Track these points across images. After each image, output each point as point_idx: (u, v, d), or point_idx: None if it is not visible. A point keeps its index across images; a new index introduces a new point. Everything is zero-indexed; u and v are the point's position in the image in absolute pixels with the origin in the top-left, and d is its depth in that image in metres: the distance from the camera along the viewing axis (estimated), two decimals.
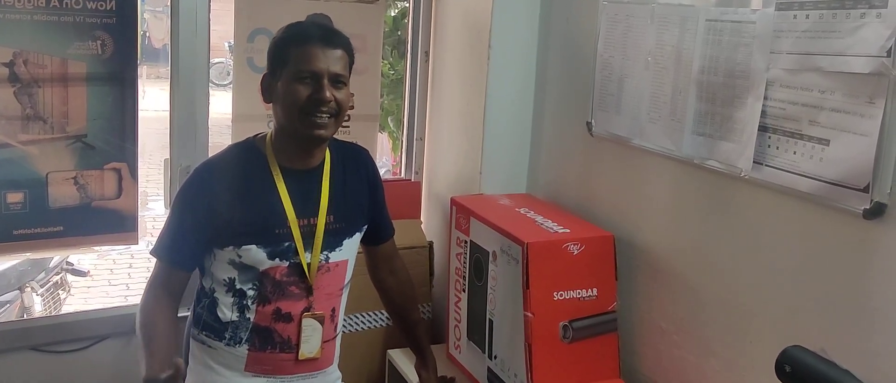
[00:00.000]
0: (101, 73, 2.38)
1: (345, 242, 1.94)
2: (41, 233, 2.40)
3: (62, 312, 4.31)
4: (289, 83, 1.79)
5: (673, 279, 2.07)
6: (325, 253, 1.90)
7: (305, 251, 1.88)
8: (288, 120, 1.81)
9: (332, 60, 1.80)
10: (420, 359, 2.27)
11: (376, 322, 2.76)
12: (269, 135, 1.90)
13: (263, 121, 2.69)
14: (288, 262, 1.86)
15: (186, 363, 1.96)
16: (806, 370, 1.32)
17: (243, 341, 1.89)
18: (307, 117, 1.78)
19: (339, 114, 1.82)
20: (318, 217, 1.89)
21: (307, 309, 1.90)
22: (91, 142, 2.41)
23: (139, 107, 2.50)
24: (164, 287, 1.84)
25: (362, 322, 2.74)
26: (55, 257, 4.27)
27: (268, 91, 1.86)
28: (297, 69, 1.78)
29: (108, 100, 2.42)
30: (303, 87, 1.78)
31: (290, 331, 1.89)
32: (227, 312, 1.88)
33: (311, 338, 1.91)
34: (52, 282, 4.29)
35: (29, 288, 4.09)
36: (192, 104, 2.54)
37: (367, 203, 2.01)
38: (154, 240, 1.90)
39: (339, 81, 1.81)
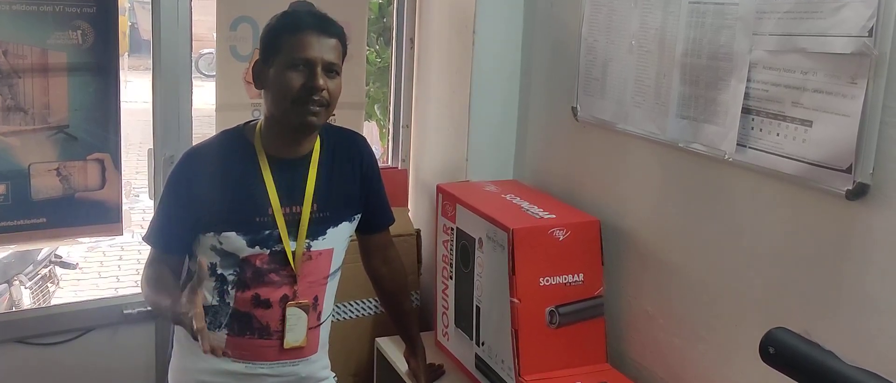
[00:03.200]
0: (81, 64, 2.36)
1: (329, 231, 1.93)
2: (24, 225, 2.39)
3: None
4: (281, 71, 1.77)
5: (659, 263, 2.07)
6: (307, 241, 1.89)
7: (289, 239, 1.87)
8: (279, 108, 1.79)
9: (325, 49, 1.78)
10: (409, 348, 2.27)
11: (365, 310, 2.76)
12: (259, 124, 1.89)
13: (247, 110, 2.68)
14: (269, 250, 1.86)
15: (172, 346, 1.99)
16: (790, 351, 1.31)
17: (223, 326, 1.89)
18: (299, 106, 1.77)
19: (330, 104, 1.80)
20: (302, 205, 1.88)
21: (291, 298, 1.89)
22: (73, 133, 2.40)
23: (123, 98, 2.49)
24: (163, 265, 1.86)
25: (351, 310, 2.73)
26: (43, 250, 4.25)
27: (259, 78, 1.84)
28: (291, 56, 1.76)
29: (90, 90, 2.40)
30: (296, 75, 1.76)
31: (268, 318, 1.89)
32: (208, 296, 1.87)
33: (295, 327, 1.91)
34: (40, 275, 4.25)
35: (17, 282, 4.06)
36: (176, 95, 2.53)
37: (357, 192, 1.99)
38: (141, 232, 1.90)
39: (332, 70, 1.79)
